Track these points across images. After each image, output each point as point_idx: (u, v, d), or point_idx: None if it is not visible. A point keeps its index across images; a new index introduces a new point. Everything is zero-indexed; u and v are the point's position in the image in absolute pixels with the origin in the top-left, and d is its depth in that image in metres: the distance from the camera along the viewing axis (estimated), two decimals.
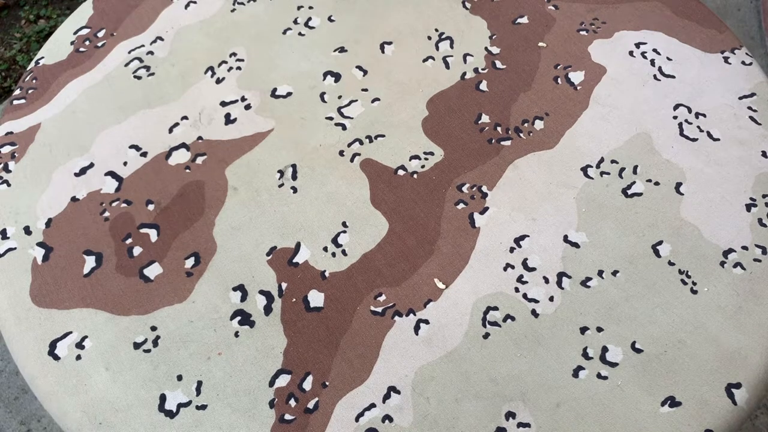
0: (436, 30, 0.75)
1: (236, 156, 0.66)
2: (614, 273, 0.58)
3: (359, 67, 0.72)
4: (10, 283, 0.59)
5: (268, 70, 0.73)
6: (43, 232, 0.62)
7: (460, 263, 0.58)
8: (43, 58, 0.76)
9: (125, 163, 0.66)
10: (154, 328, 0.56)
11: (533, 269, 0.58)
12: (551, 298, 0.57)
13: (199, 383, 0.54)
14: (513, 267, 0.58)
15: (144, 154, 0.67)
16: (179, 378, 0.54)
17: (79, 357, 0.55)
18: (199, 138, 0.68)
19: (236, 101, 0.70)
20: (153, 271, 0.59)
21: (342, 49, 0.74)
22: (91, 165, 0.66)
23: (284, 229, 0.61)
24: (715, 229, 0.60)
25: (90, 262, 0.60)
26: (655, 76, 0.70)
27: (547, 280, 0.58)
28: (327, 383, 0.53)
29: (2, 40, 1.67)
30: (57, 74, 0.74)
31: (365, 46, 0.74)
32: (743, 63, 0.71)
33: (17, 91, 0.73)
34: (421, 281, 0.58)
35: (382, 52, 0.74)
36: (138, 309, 0.57)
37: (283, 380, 0.54)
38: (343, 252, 0.60)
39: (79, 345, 0.56)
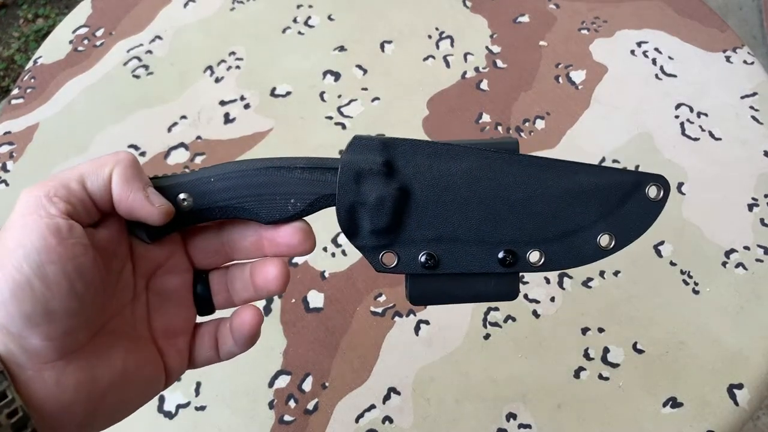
0: (437, 29, 0.75)
1: (235, 155, 0.66)
2: (616, 273, 0.58)
3: (359, 66, 0.72)
4: None
5: (267, 69, 0.72)
6: None
7: None
8: (41, 57, 0.75)
9: None
10: None
11: None
12: (552, 299, 0.56)
13: (198, 384, 0.53)
14: None
15: (143, 154, 0.66)
16: (178, 378, 0.54)
17: None
18: (198, 137, 0.67)
19: (235, 100, 0.70)
20: None
21: (342, 48, 0.74)
22: None
23: None
24: (716, 229, 0.60)
25: None
26: (656, 75, 0.70)
27: (548, 281, 0.57)
28: (327, 384, 0.53)
29: (0, 39, 1.67)
30: (55, 73, 0.73)
31: (365, 45, 0.74)
32: (745, 62, 0.71)
33: (15, 91, 0.73)
34: None
35: (382, 51, 0.73)
36: None
37: (282, 381, 0.53)
38: (343, 252, 0.59)
39: None
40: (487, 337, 0.55)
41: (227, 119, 0.69)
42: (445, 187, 0.31)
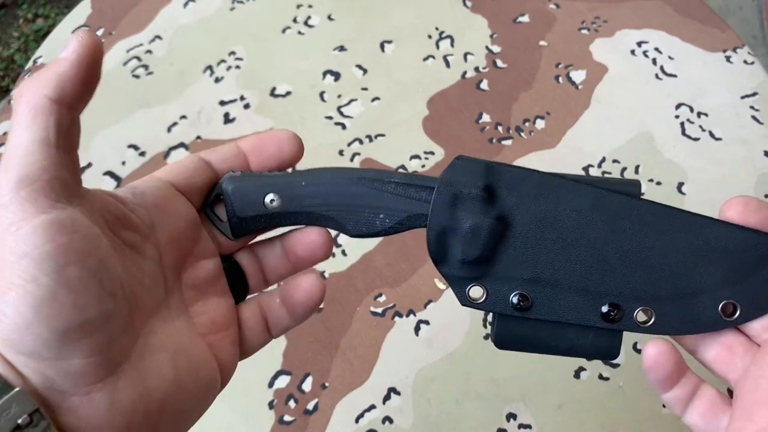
0: (437, 29, 0.75)
1: None
2: None
3: (359, 66, 0.72)
4: None
5: (267, 69, 0.72)
6: None
7: None
8: (41, 57, 0.75)
9: (123, 163, 0.66)
10: None
11: None
12: None
13: None
14: None
15: (143, 154, 0.66)
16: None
17: None
18: (198, 137, 0.67)
19: (235, 100, 0.70)
20: None
21: (342, 48, 0.74)
22: (90, 165, 0.66)
23: None
24: None
25: None
26: (656, 75, 0.70)
27: None
28: (326, 384, 0.53)
29: (0, 39, 1.67)
30: None
31: (365, 44, 0.74)
32: (745, 62, 0.71)
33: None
34: (421, 282, 0.57)
35: (382, 50, 0.73)
36: None
37: (282, 381, 0.53)
38: (343, 252, 0.59)
39: None
40: (487, 337, 0.55)
41: (227, 119, 0.68)
42: (551, 223, 0.28)
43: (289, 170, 0.31)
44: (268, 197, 0.29)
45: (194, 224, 0.29)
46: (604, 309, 0.28)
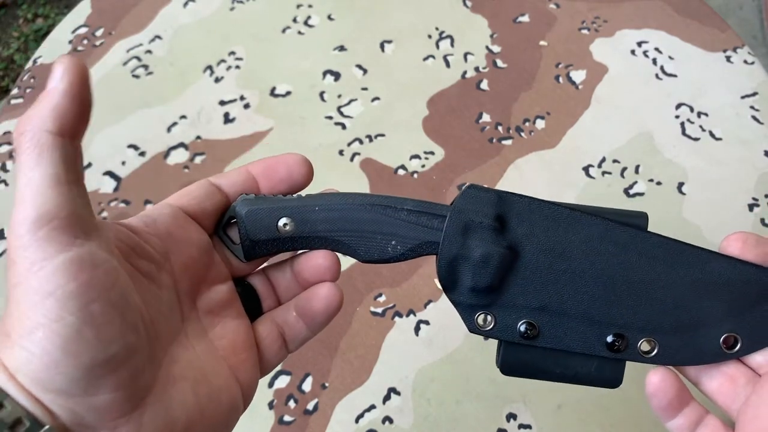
0: (437, 28, 0.75)
1: (235, 155, 0.66)
2: None
3: (359, 66, 0.72)
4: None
5: (267, 69, 0.72)
6: None
7: None
8: (41, 57, 0.75)
9: (123, 163, 0.66)
10: None
11: None
12: None
13: None
14: None
15: (142, 154, 0.66)
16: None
17: None
18: (198, 137, 0.67)
19: (235, 100, 0.70)
20: None
21: (342, 48, 0.74)
22: (89, 165, 0.66)
23: None
24: (716, 229, 0.60)
25: None
26: (656, 75, 0.70)
27: None
28: (326, 384, 0.53)
29: (0, 39, 1.67)
30: None
31: (365, 44, 0.74)
32: (745, 62, 0.71)
33: (15, 91, 0.73)
34: (421, 282, 0.57)
35: (382, 50, 0.73)
36: None
37: (282, 381, 0.53)
38: None
39: None
40: (487, 337, 0.55)
41: (227, 119, 0.68)
42: (560, 254, 0.28)
43: (302, 192, 0.31)
44: (282, 221, 0.29)
45: (207, 250, 0.29)
46: (609, 339, 0.29)
